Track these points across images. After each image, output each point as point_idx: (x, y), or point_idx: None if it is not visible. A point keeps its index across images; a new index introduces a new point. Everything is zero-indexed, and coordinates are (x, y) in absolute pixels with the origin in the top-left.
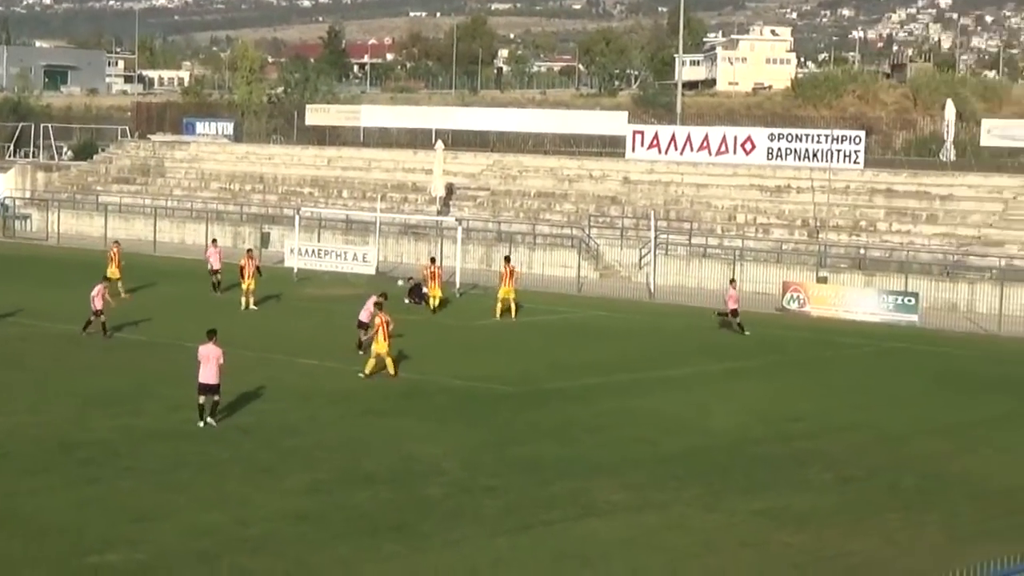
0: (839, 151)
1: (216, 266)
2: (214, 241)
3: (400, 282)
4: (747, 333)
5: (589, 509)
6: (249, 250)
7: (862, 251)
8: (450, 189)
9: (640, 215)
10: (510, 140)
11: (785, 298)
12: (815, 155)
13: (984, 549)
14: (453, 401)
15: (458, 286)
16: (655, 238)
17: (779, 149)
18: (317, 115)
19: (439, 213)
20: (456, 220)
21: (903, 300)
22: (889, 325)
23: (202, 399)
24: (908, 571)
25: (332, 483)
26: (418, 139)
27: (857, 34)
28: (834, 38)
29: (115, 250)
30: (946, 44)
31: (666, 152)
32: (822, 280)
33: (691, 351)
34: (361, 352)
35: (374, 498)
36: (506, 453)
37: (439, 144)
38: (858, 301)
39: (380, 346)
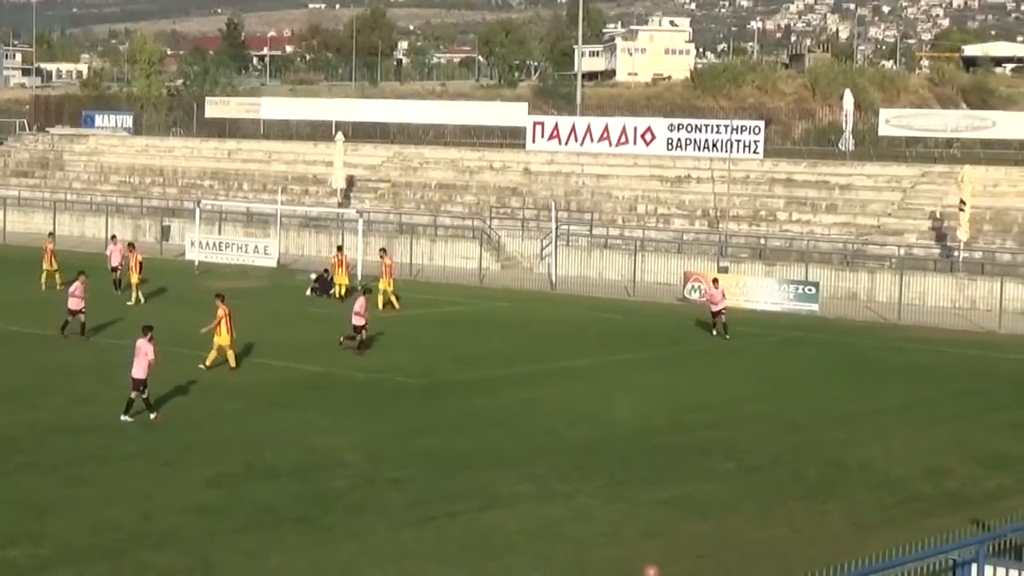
0: (739, 141)
1: (116, 263)
2: (113, 237)
3: (313, 275)
4: (727, 337)
5: (493, 500)
6: (131, 244)
7: (763, 241)
8: (351, 181)
9: (541, 206)
10: (410, 132)
11: (687, 288)
12: (715, 145)
13: (885, 536)
14: (356, 394)
15: (359, 279)
16: (556, 229)
17: (679, 139)
18: (217, 108)
19: (340, 205)
20: (357, 212)
21: (804, 289)
22: (790, 314)
23: (133, 394)
24: (811, 559)
25: (236, 476)
26: (318, 131)
27: (756, 24)
28: (733, 28)
29: (49, 245)
30: (844, 34)
31: (566, 143)
32: (723, 270)
33: (594, 342)
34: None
35: (278, 491)
36: (410, 445)
37: (339, 136)
38: (759, 290)
39: (223, 338)
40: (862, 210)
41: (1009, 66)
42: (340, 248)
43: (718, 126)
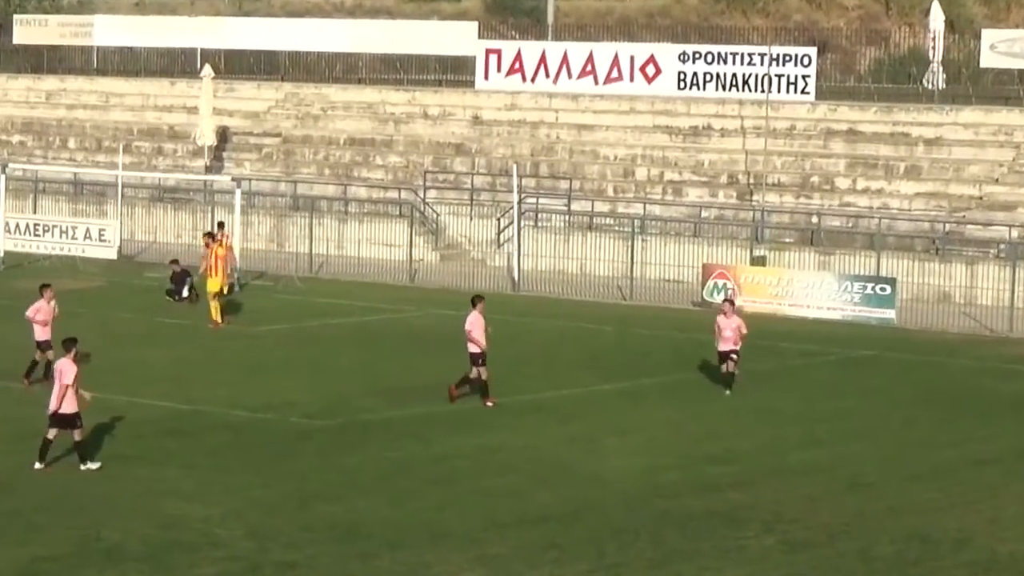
0: (780, 77)
1: None
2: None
3: (173, 270)
4: (728, 393)
5: None
6: None
7: (815, 219)
8: (223, 135)
9: (497, 171)
10: (309, 64)
11: (707, 287)
12: (746, 83)
13: None
14: (233, 441)
15: (236, 276)
16: (519, 204)
17: (695, 75)
18: (29, 31)
19: (208, 170)
20: (233, 180)
21: (873, 289)
22: (854, 324)
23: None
24: None
25: (59, 562)
26: (176, 63)
27: None
28: None
29: None
30: None
31: (533, 80)
32: (759, 261)
33: (573, 364)
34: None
35: None
36: (310, 515)
37: (207, 70)
38: (810, 291)
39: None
40: (957, 176)
41: None
42: (221, 225)
43: (750, 55)
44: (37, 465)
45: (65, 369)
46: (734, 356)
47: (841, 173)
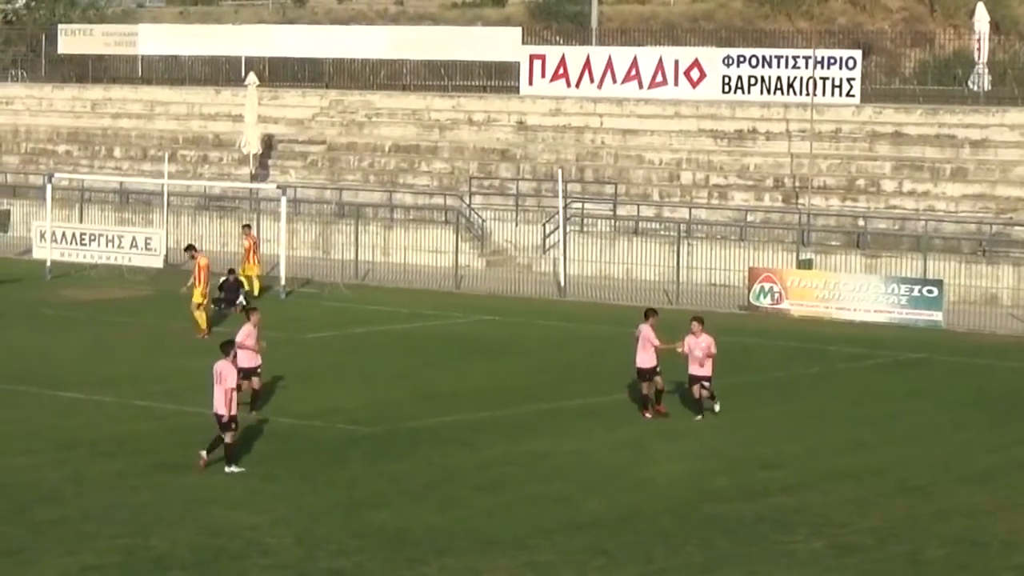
0: (825, 80)
1: None
2: None
3: (226, 279)
4: (699, 418)
5: None
6: None
7: (861, 222)
8: (269, 143)
9: (543, 176)
10: (353, 71)
11: (753, 291)
12: (791, 86)
13: None
14: (281, 448)
15: (283, 283)
16: (565, 209)
17: (739, 78)
18: (74, 40)
19: (254, 178)
20: (279, 188)
21: (920, 291)
22: (901, 327)
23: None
24: None
25: (108, 571)
26: (222, 72)
27: None
28: None
29: None
30: None
31: (578, 85)
32: (805, 264)
33: (620, 369)
34: None
35: None
36: (358, 521)
37: (251, 79)
38: (857, 294)
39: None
40: (1003, 177)
41: None
42: (248, 227)
43: (795, 58)
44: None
45: (227, 372)
46: (706, 384)
47: (887, 176)
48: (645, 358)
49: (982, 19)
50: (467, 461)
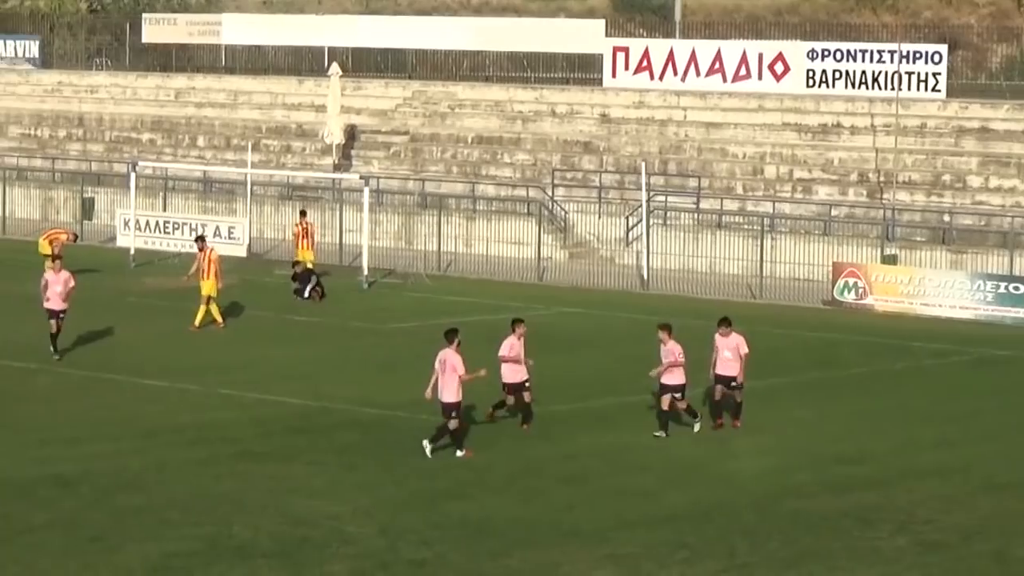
0: (911, 74)
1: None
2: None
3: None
4: (659, 435)
5: None
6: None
7: (947, 218)
8: (352, 133)
9: (626, 168)
10: (436, 62)
11: (837, 286)
12: (876, 80)
13: None
14: (362, 438)
15: (365, 273)
16: (648, 201)
17: (824, 72)
18: (159, 30)
19: (337, 168)
20: (361, 178)
21: (1007, 288)
22: (987, 324)
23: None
24: None
25: (190, 558)
26: (305, 62)
27: None
28: None
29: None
30: None
31: (661, 77)
32: (890, 260)
33: (701, 364)
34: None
35: None
36: (440, 512)
37: (334, 69)
38: (942, 290)
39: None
40: None
41: None
42: (304, 213)
43: (880, 52)
44: (458, 453)
45: (455, 361)
46: (735, 385)
47: (973, 171)
48: (727, 366)
49: None
50: (549, 453)
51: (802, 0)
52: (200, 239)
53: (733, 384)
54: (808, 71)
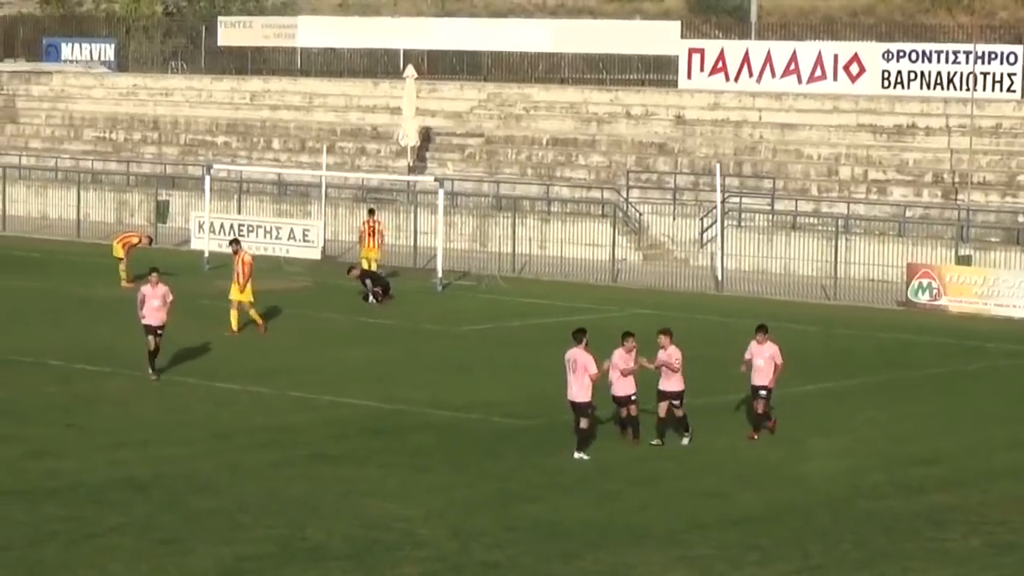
0: (986, 75)
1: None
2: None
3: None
4: (651, 442)
5: None
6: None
7: (1021, 218)
8: (427, 135)
9: (700, 170)
10: (511, 64)
11: (911, 287)
12: (951, 81)
13: None
14: (435, 440)
15: (439, 275)
16: (723, 203)
17: (899, 73)
18: (234, 32)
19: (412, 170)
20: (436, 180)
21: None
22: None
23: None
24: None
25: (262, 561)
26: (380, 64)
27: None
28: None
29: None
30: None
31: (736, 79)
32: (964, 260)
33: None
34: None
35: None
36: (512, 514)
37: (410, 71)
38: (1017, 290)
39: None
40: None
41: None
42: (372, 212)
43: (956, 53)
44: (578, 455)
45: (586, 360)
46: (763, 393)
47: None
48: (760, 375)
49: None
50: (621, 455)
51: (878, 1)
52: (234, 242)
53: (762, 393)
54: (883, 72)
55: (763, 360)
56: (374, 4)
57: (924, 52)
